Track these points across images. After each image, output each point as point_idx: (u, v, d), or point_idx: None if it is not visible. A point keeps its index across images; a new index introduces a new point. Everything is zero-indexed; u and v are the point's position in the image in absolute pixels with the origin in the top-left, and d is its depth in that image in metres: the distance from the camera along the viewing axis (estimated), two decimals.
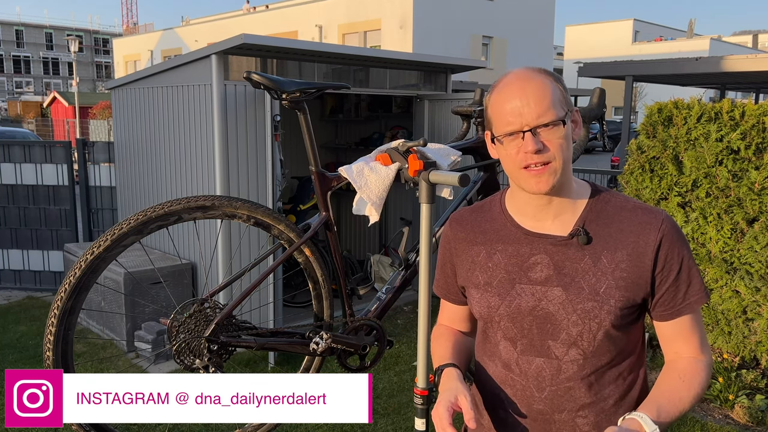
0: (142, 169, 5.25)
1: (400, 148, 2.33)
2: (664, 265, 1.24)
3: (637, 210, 1.27)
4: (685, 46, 33.96)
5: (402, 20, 22.46)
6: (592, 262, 1.24)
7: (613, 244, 1.25)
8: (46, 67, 57.31)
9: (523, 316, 1.29)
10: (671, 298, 1.25)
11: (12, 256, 6.19)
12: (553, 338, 1.27)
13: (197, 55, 4.31)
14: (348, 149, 6.88)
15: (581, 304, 1.24)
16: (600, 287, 1.23)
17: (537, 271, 1.28)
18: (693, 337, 1.29)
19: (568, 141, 1.22)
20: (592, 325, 1.24)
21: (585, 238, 1.25)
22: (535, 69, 1.25)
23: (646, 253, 1.23)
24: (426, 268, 1.90)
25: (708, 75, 10.19)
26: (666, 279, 1.24)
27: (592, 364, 1.27)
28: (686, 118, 3.83)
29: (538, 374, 1.29)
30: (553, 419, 1.30)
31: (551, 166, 1.20)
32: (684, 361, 1.29)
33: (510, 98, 1.21)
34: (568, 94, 1.27)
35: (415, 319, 5.22)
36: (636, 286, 1.24)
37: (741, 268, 3.63)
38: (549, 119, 1.19)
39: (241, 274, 2.30)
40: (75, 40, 26.48)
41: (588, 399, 1.28)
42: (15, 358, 4.44)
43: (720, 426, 3.51)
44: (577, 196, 1.29)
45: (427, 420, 1.87)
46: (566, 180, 1.25)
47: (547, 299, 1.26)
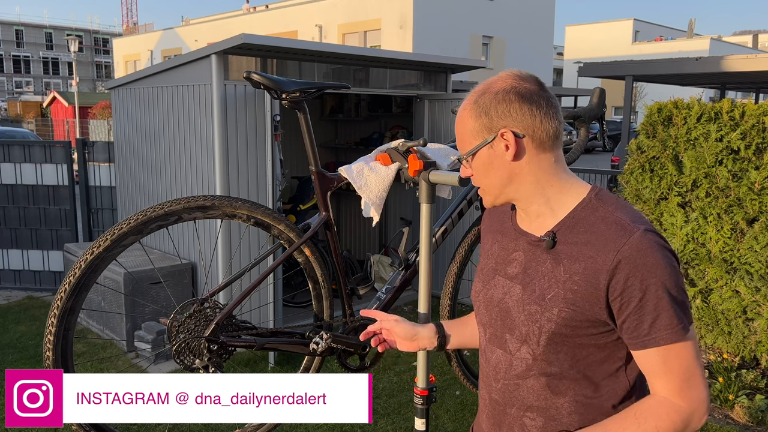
0: (142, 169, 5.25)
1: (400, 148, 2.33)
2: (623, 290, 1.14)
3: (613, 225, 1.19)
4: (685, 46, 33.96)
5: (402, 20, 22.46)
6: (551, 268, 1.23)
7: (575, 254, 1.20)
8: (46, 67, 57.31)
9: (492, 305, 1.34)
10: (634, 328, 1.16)
11: (12, 256, 6.19)
12: (510, 332, 1.30)
13: (197, 55, 4.31)
14: (348, 149, 6.88)
15: (528, 306, 1.25)
16: (548, 293, 1.22)
17: (513, 267, 1.32)
18: (667, 375, 1.16)
19: (486, 167, 1.27)
20: (534, 328, 1.24)
21: (550, 242, 1.24)
22: (466, 103, 1.31)
23: (601, 272, 1.16)
24: (426, 268, 1.90)
25: (708, 75, 10.19)
26: (626, 306, 1.15)
27: (541, 368, 1.26)
28: (686, 118, 3.83)
29: (496, 365, 1.34)
30: (506, 412, 1.34)
31: (482, 189, 1.31)
32: (651, 399, 1.19)
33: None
34: (497, 116, 1.23)
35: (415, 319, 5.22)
36: (586, 302, 1.18)
37: (741, 268, 3.63)
38: (464, 152, 1.30)
39: (241, 274, 2.30)
40: (75, 40, 26.49)
41: (536, 402, 1.28)
42: (15, 358, 4.44)
43: (720, 426, 3.51)
44: (560, 203, 1.26)
45: (427, 420, 1.87)
46: (526, 195, 1.28)
47: (509, 294, 1.30)
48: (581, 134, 2.65)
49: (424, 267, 1.90)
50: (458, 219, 2.60)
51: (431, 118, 5.57)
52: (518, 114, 1.23)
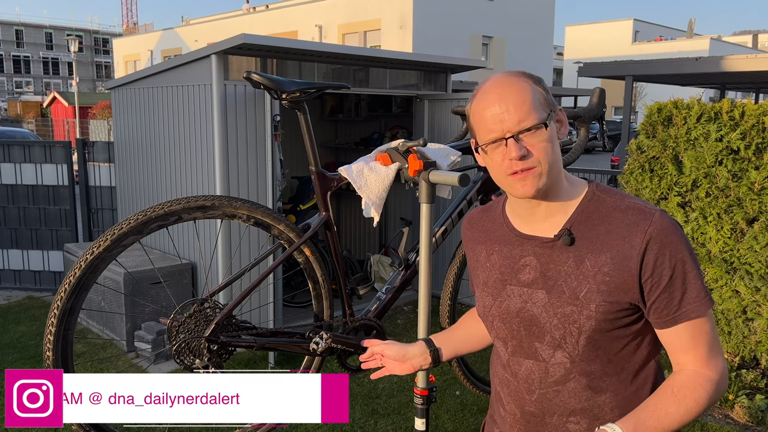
0: (142, 169, 5.25)
1: (400, 148, 2.33)
2: (654, 269, 1.16)
3: (629, 210, 1.21)
4: (685, 46, 33.96)
5: (402, 20, 22.46)
6: (576, 265, 1.21)
7: (599, 246, 1.20)
8: (46, 67, 57.31)
9: (511, 317, 1.29)
10: (665, 305, 1.18)
11: (12, 256, 6.19)
12: (539, 340, 1.25)
13: (197, 55, 4.31)
14: (348, 149, 6.88)
15: (561, 308, 1.21)
16: (580, 291, 1.20)
17: (525, 273, 1.27)
18: (696, 347, 1.20)
19: (552, 143, 1.20)
20: (572, 330, 1.21)
21: (568, 239, 1.21)
22: (513, 72, 1.23)
23: (631, 257, 1.17)
24: (426, 268, 1.90)
25: (708, 75, 10.19)
26: (657, 285, 1.17)
27: (581, 369, 1.23)
28: (686, 118, 3.83)
29: (527, 376, 1.29)
30: (545, 422, 1.29)
31: (536, 171, 1.18)
32: (684, 374, 1.21)
33: (490, 105, 1.19)
34: (550, 94, 1.23)
35: (415, 319, 5.22)
36: (621, 291, 1.18)
37: (741, 268, 3.63)
38: (530, 123, 1.17)
39: (240, 274, 2.30)
40: (75, 40, 26.49)
41: (579, 404, 1.25)
42: (15, 358, 4.44)
43: (720, 426, 3.51)
44: (569, 197, 1.26)
45: (427, 420, 1.87)
46: (556, 182, 1.22)
47: (532, 301, 1.25)
48: (581, 134, 2.65)
49: (424, 267, 1.90)
50: (458, 219, 2.60)
51: (431, 118, 5.57)
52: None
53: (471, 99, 1.27)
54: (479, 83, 1.28)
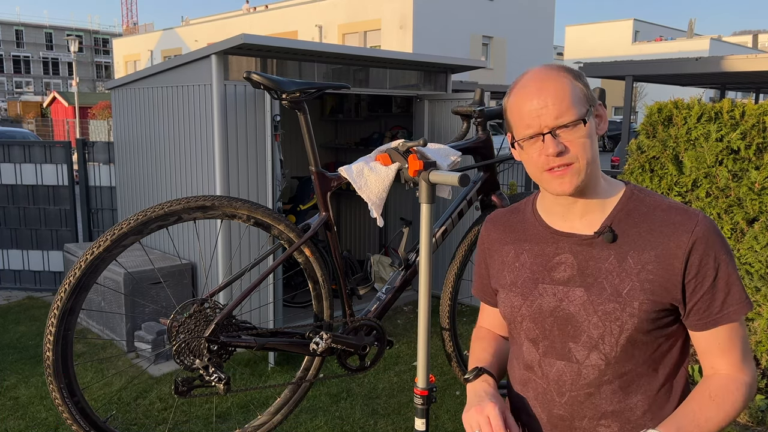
0: (142, 169, 5.25)
1: (400, 148, 2.33)
2: (698, 270, 1.15)
3: (672, 209, 1.20)
4: (685, 46, 33.95)
5: (402, 20, 22.46)
6: (618, 262, 1.19)
7: (642, 243, 1.18)
8: (46, 67, 57.30)
9: (544, 316, 1.25)
10: (706, 307, 1.17)
11: (12, 256, 6.19)
12: (574, 341, 1.22)
13: (197, 55, 4.31)
14: (348, 149, 6.88)
15: (602, 306, 1.18)
16: (623, 288, 1.17)
17: (560, 271, 1.24)
18: (732, 350, 1.19)
19: (591, 139, 1.17)
20: (613, 328, 1.18)
21: (610, 236, 1.19)
22: (553, 67, 1.21)
23: (676, 256, 1.16)
24: (426, 268, 1.90)
25: (708, 75, 10.19)
26: (700, 286, 1.16)
27: (615, 370, 1.21)
28: (686, 118, 3.83)
29: (558, 378, 1.25)
30: (574, 426, 1.25)
31: (574, 167, 1.16)
32: (719, 378, 1.20)
33: (527, 100, 1.17)
34: (589, 89, 1.21)
35: (415, 319, 5.22)
36: (664, 290, 1.16)
37: (741, 268, 3.63)
38: (569, 119, 1.15)
39: (241, 274, 2.30)
40: (75, 40, 26.48)
41: (610, 407, 1.22)
42: (15, 358, 4.44)
43: None
44: (607, 195, 1.24)
45: (427, 420, 1.87)
46: (593, 178, 1.20)
47: (569, 300, 1.22)
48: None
49: (424, 267, 1.90)
50: (458, 219, 2.60)
51: (431, 118, 5.57)
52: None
53: (508, 93, 1.24)
54: (518, 77, 1.24)
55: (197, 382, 2.07)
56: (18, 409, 3.68)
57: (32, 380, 4.06)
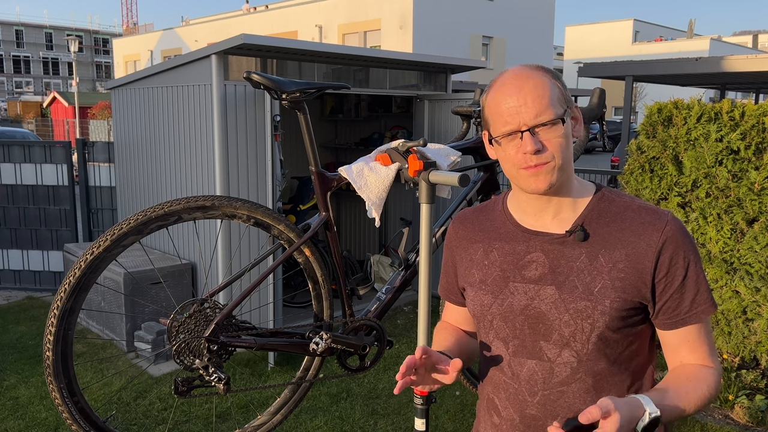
0: (142, 169, 5.25)
1: (400, 148, 2.33)
2: (668, 270, 1.18)
3: (642, 210, 1.22)
4: (685, 46, 33.97)
5: (402, 20, 22.46)
6: (589, 261, 1.20)
7: (612, 243, 1.20)
8: (46, 67, 57.31)
9: (515, 315, 1.25)
10: (676, 306, 1.19)
11: (12, 256, 6.19)
12: (545, 339, 1.22)
13: (197, 55, 4.31)
14: (348, 149, 6.89)
15: (574, 304, 1.19)
16: (595, 286, 1.18)
17: (531, 270, 1.24)
18: (700, 347, 1.22)
19: (567, 139, 1.19)
20: (584, 326, 1.19)
21: (582, 234, 1.21)
22: (532, 66, 1.22)
23: (646, 255, 1.18)
24: (426, 268, 1.90)
25: (708, 75, 10.19)
26: (669, 285, 1.18)
27: (587, 368, 1.21)
28: (686, 118, 3.83)
29: (530, 377, 1.25)
30: (547, 426, 1.24)
31: (549, 165, 1.17)
32: (690, 366, 1.23)
33: (507, 97, 1.18)
34: (567, 90, 1.23)
35: (415, 319, 5.22)
36: (634, 288, 1.18)
37: (741, 268, 3.63)
38: (547, 118, 1.16)
39: (240, 274, 2.30)
40: (75, 40, 26.47)
41: (583, 405, 1.21)
42: (15, 358, 4.44)
43: (720, 426, 3.51)
44: (578, 195, 1.26)
45: (427, 420, 1.87)
46: (567, 178, 1.22)
47: (540, 298, 1.22)
48: (581, 134, 2.65)
49: (424, 267, 1.90)
50: None
51: (431, 118, 5.57)
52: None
53: (487, 90, 1.24)
54: (497, 76, 1.25)
55: (197, 382, 2.07)
56: (18, 409, 3.68)
57: (32, 380, 4.06)
